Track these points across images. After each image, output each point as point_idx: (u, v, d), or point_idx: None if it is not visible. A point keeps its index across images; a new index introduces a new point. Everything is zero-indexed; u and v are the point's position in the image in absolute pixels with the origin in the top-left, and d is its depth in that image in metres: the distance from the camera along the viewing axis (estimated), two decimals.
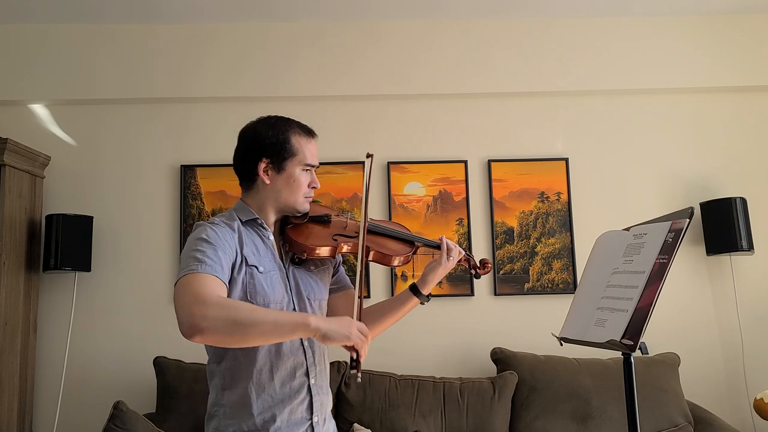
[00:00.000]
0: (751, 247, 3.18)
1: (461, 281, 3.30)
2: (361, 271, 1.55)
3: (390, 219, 3.30)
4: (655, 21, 3.51)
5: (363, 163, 3.37)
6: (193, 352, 3.00)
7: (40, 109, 3.40)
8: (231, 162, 3.69)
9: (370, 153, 1.72)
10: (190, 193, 3.34)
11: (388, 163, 3.38)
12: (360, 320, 1.51)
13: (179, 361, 2.99)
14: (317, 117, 3.46)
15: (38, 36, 3.39)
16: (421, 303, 1.74)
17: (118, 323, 3.22)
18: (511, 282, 3.33)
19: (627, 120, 3.50)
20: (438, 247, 1.75)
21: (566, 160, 3.43)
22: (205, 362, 1.63)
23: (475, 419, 2.88)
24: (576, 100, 3.50)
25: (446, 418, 2.88)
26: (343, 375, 2.96)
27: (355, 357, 1.45)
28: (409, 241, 1.77)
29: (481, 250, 3.35)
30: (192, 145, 3.39)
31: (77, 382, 3.15)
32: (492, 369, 3.12)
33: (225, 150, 3.36)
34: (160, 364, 2.98)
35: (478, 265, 1.84)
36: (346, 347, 1.45)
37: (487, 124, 3.47)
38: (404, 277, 3.29)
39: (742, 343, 3.26)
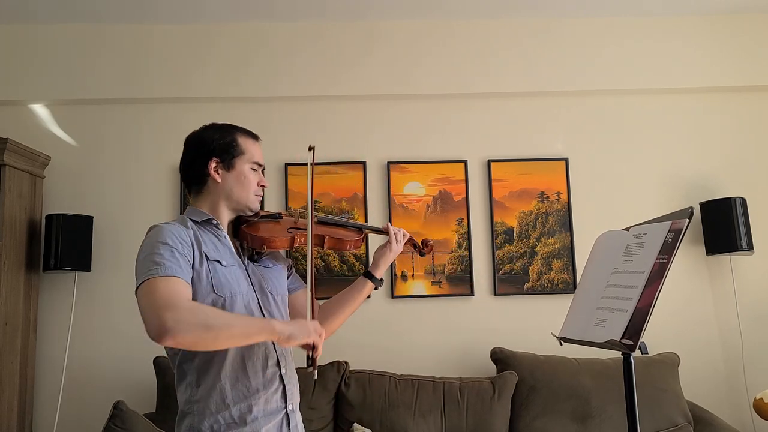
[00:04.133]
0: (750, 247, 3.18)
1: (461, 281, 3.31)
2: (312, 270, 1.64)
3: (390, 219, 3.31)
4: (655, 21, 3.51)
5: (362, 163, 3.38)
6: None
7: (40, 109, 3.40)
8: None
9: (312, 146, 1.76)
10: None
11: (388, 163, 3.38)
12: (313, 318, 1.61)
13: None
14: (317, 117, 3.48)
15: (38, 36, 3.39)
16: (375, 288, 1.87)
17: (118, 323, 3.22)
18: (511, 282, 3.33)
19: (627, 120, 3.50)
20: (386, 232, 1.90)
21: (566, 160, 3.43)
22: None
23: (475, 419, 2.88)
24: (576, 100, 3.50)
25: (446, 417, 2.88)
26: (343, 375, 2.97)
27: (311, 355, 1.52)
28: (358, 228, 1.93)
29: (481, 250, 3.35)
30: None
31: (77, 382, 3.15)
32: (492, 369, 3.12)
33: None
34: (160, 364, 2.98)
35: (421, 245, 2.02)
36: (303, 346, 1.52)
37: (487, 124, 3.47)
38: (404, 277, 3.29)
39: (742, 343, 3.26)
